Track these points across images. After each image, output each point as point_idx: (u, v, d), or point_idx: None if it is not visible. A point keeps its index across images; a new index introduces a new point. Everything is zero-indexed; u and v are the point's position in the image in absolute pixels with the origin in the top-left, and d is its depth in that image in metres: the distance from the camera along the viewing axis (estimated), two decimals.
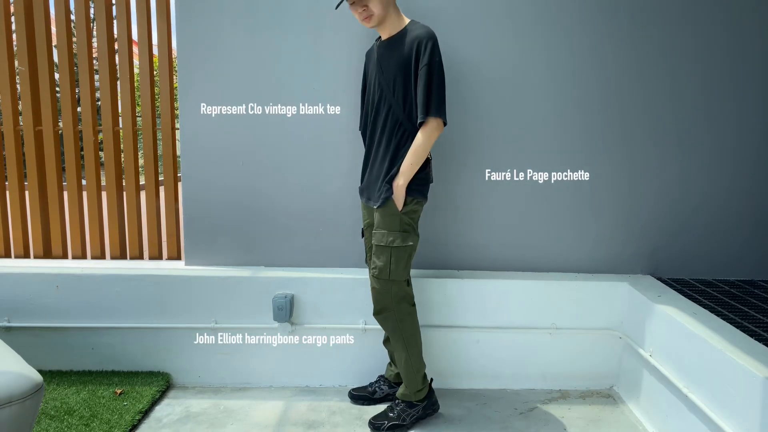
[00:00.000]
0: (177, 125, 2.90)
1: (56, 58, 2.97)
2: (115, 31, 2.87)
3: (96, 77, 2.90)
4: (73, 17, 2.88)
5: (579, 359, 2.77)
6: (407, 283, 2.36)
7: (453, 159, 2.75)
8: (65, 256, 3.06)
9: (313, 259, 2.82)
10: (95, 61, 2.95)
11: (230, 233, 2.80)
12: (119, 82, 2.91)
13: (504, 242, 2.84)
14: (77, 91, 2.99)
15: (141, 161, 3.09)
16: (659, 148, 2.78)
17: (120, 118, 2.99)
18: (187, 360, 2.75)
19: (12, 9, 2.90)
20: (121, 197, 3.00)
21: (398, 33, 2.25)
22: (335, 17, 2.63)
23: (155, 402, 2.57)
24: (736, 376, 1.87)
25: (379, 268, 2.26)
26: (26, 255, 3.06)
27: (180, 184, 2.87)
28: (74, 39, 2.95)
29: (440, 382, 2.72)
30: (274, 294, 2.67)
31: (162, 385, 2.65)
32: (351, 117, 2.68)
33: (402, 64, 2.20)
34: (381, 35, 2.33)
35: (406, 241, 2.25)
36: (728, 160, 2.81)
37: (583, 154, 2.78)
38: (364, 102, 2.45)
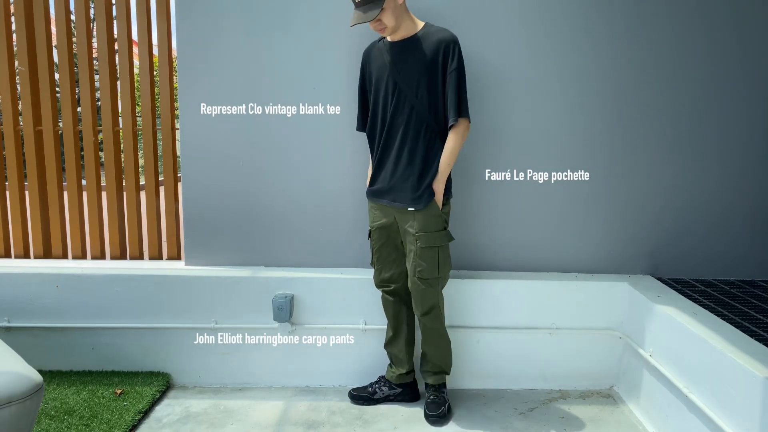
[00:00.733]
0: (177, 125, 2.90)
1: (56, 58, 2.97)
2: (115, 31, 2.87)
3: (96, 77, 2.90)
4: (73, 17, 2.88)
5: (579, 359, 2.77)
6: None
7: None
8: (65, 256, 3.06)
9: (313, 259, 2.82)
10: (95, 61, 2.95)
11: (230, 233, 2.80)
12: (119, 82, 2.91)
13: (504, 242, 2.84)
14: (77, 91, 2.99)
15: (141, 161, 3.09)
16: (659, 149, 2.78)
17: (120, 118, 2.99)
18: (187, 360, 2.75)
19: (12, 9, 2.90)
20: (121, 197, 3.00)
21: (414, 35, 2.30)
22: (335, 17, 2.63)
23: (155, 402, 2.57)
24: (736, 376, 1.87)
25: (426, 269, 2.34)
26: (26, 255, 3.06)
27: (180, 184, 2.87)
28: (74, 39, 2.95)
29: None
30: (274, 294, 2.67)
31: (162, 385, 2.65)
32: (351, 117, 2.67)
33: (427, 66, 2.26)
34: (393, 37, 2.32)
35: (450, 239, 2.40)
36: (728, 161, 2.81)
37: (584, 155, 2.78)
38: (370, 102, 2.44)
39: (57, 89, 2.96)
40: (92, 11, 2.92)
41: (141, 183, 2.98)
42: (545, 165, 2.78)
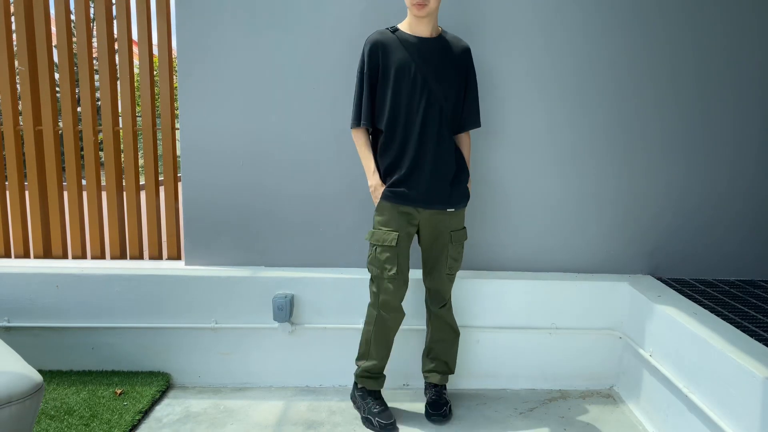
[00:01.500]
0: (177, 125, 2.90)
1: (56, 58, 2.97)
2: (115, 31, 2.87)
3: (96, 77, 2.90)
4: (73, 17, 2.88)
5: (579, 359, 2.77)
6: None
7: None
8: (65, 256, 3.06)
9: (313, 259, 2.82)
10: (95, 61, 2.95)
11: (230, 233, 2.80)
12: (119, 82, 2.91)
13: (504, 242, 2.84)
14: (77, 91, 2.99)
15: (141, 161, 3.09)
16: (659, 149, 2.78)
17: (120, 118, 2.99)
18: (187, 360, 2.75)
19: (12, 9, 2.90)
20: (121, 197, 3.00)
21: (439, 35, 2.32)
22: (336, 17, 2.63)
23: (155, 402, 2.57)
24: (736, 376, 1.87)
25: (456, 266, 2.45)
26: (26, 255, 3.06)
27: (180, 184, 2.87)
28: (74, 39, 2.94)
29: None
30: (274, 294, 2.67)
31: (162, 385, 2.65)
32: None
33: (457, 71, 2.33)
34: (417, 32, 2.26)
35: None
36: (728, 161, 2.81)
37: (584, 155, 2.78)
38: (387, 96, 2.27)
39: (57, 89, 2.96)
40: (92, 11, 2.92)
41: (141, 183, 2.98)
42: (545, 165, 2.78)
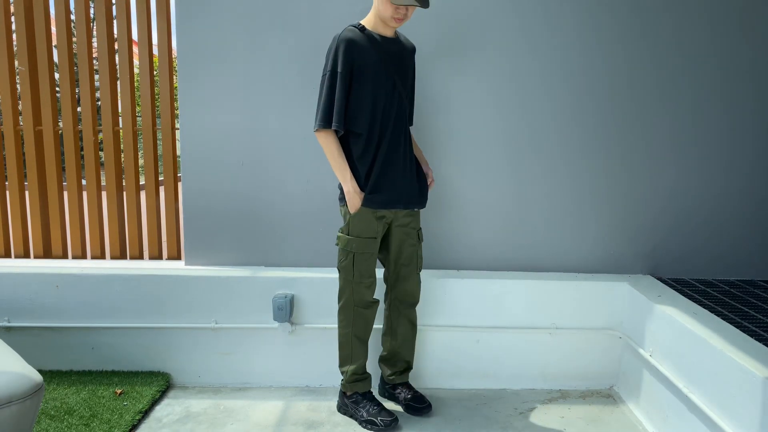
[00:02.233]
0: (177, 125, 2.90)
1: (56, 58, 2.97)
2: (115, 31, 2.87)
3: (96, 77, 2.90)
4: (73, 17, 2.88)
5: (579, 359, 2.77)
6: None
7: (452, 160, 2.76)
8: (65, 256, 3.06)
9: (313, 259, 2.82)
10: (95, 61, 2.95)
11: (230, 233, 2.80)
12: (119, 82, 2.91)
13: (504, 242, 2.84)
14: (77, 91, 2.99)
15: (141, 161, 3.09)
16: (659, 149, 2.78)
17: (120, 118, 2.99)
18: (187, 360, 2.75)
19: (12, 9, 2.90)
20: (121, 197, 3.00)
21: (396, 35, 2.34)
22: (336, 18, 2.63)
23: (155, 402, 2.57)
24: (736, 376, 1.87)
25: (422, 261, 2.50)
26: (26, 255, 3.06)
27: (180, 184, 2.87)
28: (74, 39, 2.95)
29: (440, 382, 2.73)
30: (274, 294, 2.67)
31: (162, 385, 2.65)
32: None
33: (411, 71, 2.39)
34: (382, 31, 2.24)
35: None
36: (728, 161, 2.81)
37: (584, 155, 2.78)
38: (365, 97, 2.21)
39: (57, 89, 2.96)
40: (92, 11, 2.92)
41: (141, 183, 2.98)
42: (545, 165, 2.78)
